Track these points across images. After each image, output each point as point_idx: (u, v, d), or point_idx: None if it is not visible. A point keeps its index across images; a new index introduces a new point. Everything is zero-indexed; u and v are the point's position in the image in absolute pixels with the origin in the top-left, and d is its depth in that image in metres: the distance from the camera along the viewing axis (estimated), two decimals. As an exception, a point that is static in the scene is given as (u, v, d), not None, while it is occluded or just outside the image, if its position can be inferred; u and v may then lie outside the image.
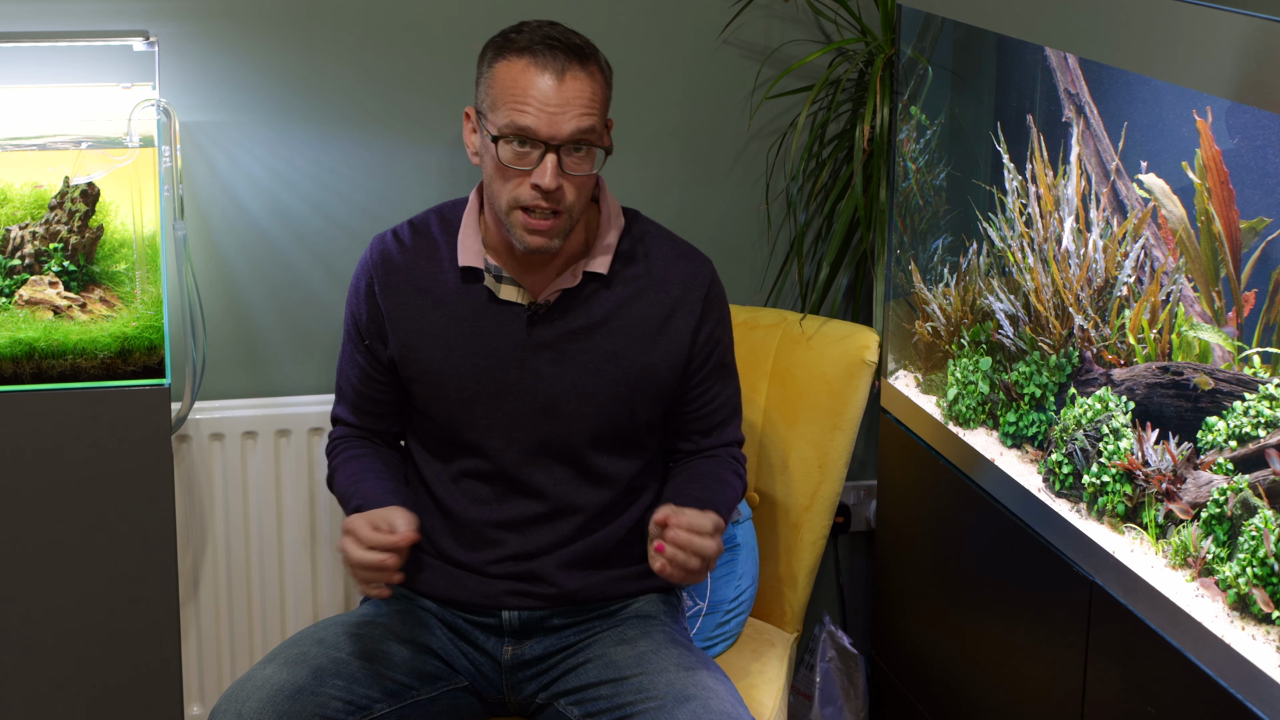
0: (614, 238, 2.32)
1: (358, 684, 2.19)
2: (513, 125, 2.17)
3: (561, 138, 2.17)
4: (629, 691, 2.20)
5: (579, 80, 2.18)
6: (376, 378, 2.37)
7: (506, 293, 2.29)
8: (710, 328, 2.35)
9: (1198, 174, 1.98)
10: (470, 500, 2.33)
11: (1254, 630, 1.91)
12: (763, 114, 2.94)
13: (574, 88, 2.18)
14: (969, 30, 2.52)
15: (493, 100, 2.21)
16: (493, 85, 2.21)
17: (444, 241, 2.33)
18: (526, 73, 2.18)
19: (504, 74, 2.20)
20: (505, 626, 2.33)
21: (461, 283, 2.31)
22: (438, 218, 2.37)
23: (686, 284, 2.34)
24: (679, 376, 2.34)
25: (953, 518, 2.56)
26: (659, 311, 2.32)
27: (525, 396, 2.30)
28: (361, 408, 2.40)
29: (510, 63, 2.20)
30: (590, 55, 2.21)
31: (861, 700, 2.96)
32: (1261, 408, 1.91)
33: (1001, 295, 2.43)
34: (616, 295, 2.31)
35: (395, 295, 2.33)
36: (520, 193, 2.19)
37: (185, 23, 2.69)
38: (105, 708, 2.60)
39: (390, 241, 2.36)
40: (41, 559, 2.54)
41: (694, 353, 2.34)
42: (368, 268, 2.36)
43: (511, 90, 2.18)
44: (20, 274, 2.52)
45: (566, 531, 2.32)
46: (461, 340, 2.30)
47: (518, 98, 2.17)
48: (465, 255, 2.30)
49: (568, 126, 2.17)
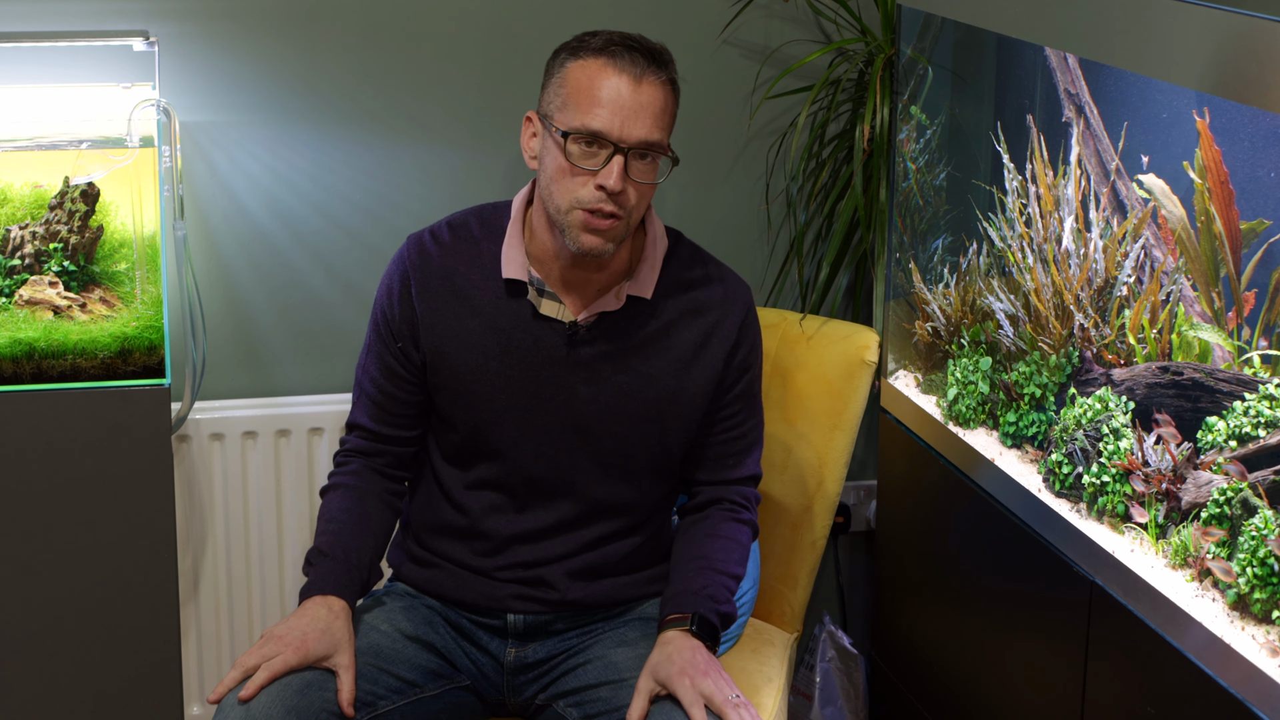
0: (658, 261, 2.29)
1: (363, 680, 2.18)
2: (584, 125, 2.14)
3: (631, 142, 2.14)
4: (628, 693, 2.20)
5: (654, 87, 2.16)
6: (406, 377, 2.32)
7: (548, 308, 2.26)
8: (744, 354, 2.33)
9: (1198, 174, 1.98)
10: (486, 508, 2.31)
11: (1254, 630, 1.91)
12: (763, 114, 2.94)
13: (649, 93, 2.16)
14: (969, 30, 2.52)
15: (564, 100, 2.17)
16: (565, 84, 2.18)
17: (485, 246, 2.29)
18: (603, 72, 2.15)
19: (578, 74, 2.17)
20: (510, 629, 2.33)
21: (503, 294, 2.27)
22: (477, 220, 2.33)
23: (724, 310, 2.32)
24: (710, 401, 2.33)
25: (953, 518, 2.56)
26: (696, 337, 2.30)
27: (558, 413, 2.27)
28: (384, 409, 2.33)
29: (585, 63, 2.17)
30: (668, 64, 2.19)
31: (861, 700, 2.96)
32: (1261, 408, 1.91)
33: (1001, 295, 2.43)
34: (657, 321, 2.29)
35: (432, 299, 2.29)
36: (584, 193, 2.16)
37: (185, 23, 2.69)
38: (105, 708, 2.60)
39: (429, 242, 2.31)
40: (41, 559, 2.54)
41: (725, 376, 2.32)
42: (404, 268, 2.30)
43: (586, 89, 2.15)
44: (20, 274, 2.52)
45: (579, 543, 2.32)
46: (498, 351, 2.27)
47: (592, 98, 2.14)
48: (509, 267, 2.26)
49: (639, 132, 2.14)
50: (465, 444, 2.31)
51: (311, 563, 2.25)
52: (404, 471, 2.38)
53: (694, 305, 2.31)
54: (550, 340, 2.27)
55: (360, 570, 2.25)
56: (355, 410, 2.37)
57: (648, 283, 2.28)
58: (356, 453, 2.36)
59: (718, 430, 2.36)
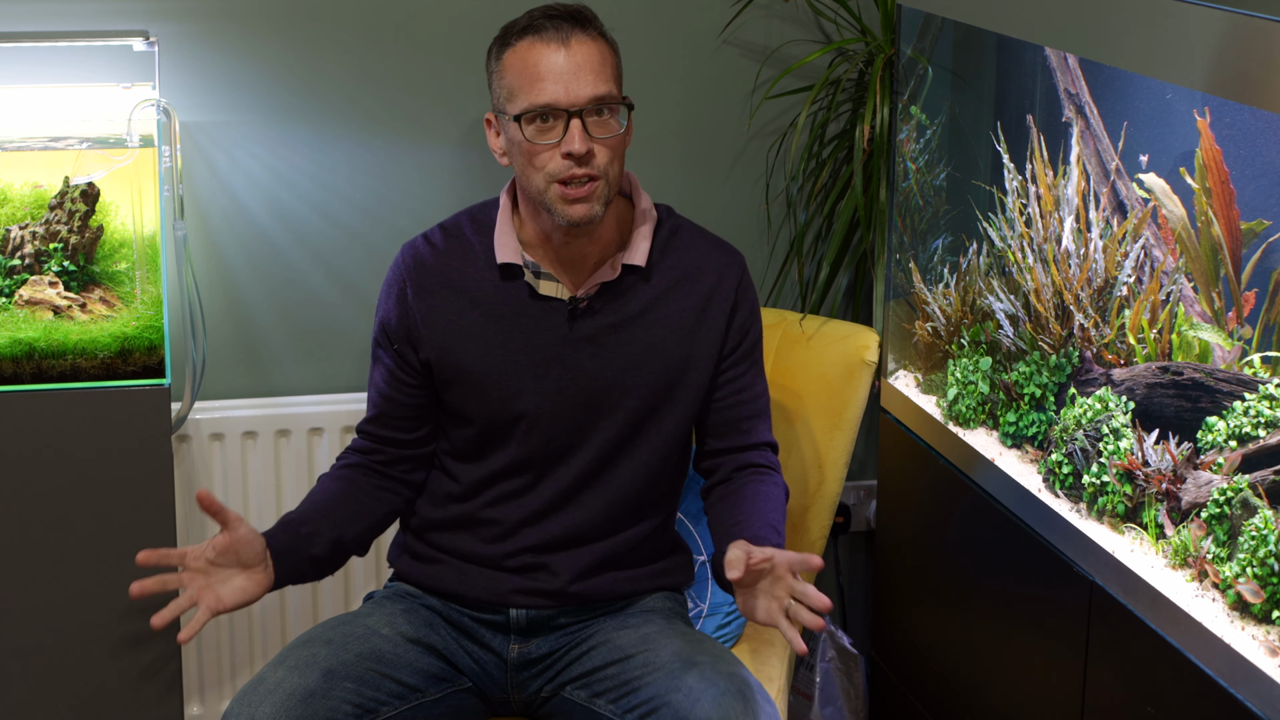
0: (649, 230, 2.32)
1: (366, 686, 2.19)
2: (532, 104, 2.18)
3: (581, 102, 2.17)
4: (635, 668, 2.21)
5: (585, 44, 2.20)
6: (405, 380, 2.35)
7: (546, 288, 2.29)
8: (743, 317, 2.36)
9: (1198, 174, 1.98)
10: (496, 497, 2.33)
11: (1254, 630, 1.91)
12: (763, 114, 2.94)
13: (582, 51, 2.19)
14: (969, 30, 2.52)
15: (509, 90, 2.21)
16: (504, 75, 2.22)
17: (478, 241, 2.32)
18: (533, 49, 2.19)
19: (511, 60, 2.21)
20: (512, 624, 2.33)
21: (500, 280, 2.30)
22: (469, 219, 2.36)
23: (720, 274, 2.34)
24: (715, 365, 2.34)
25: (953, 518, 2.56)
26: (695, 302, 2.33)
27: (568, 390, 2.29)
28: (386, 414, 2.36)
29: (515, 48, 2.21)
30: (591, 21, 2.23)
31: (861, 700, 2.96)
32: (1261, 408, 1.91)
33: (1001, 295, 2.43)
34: (654, 288, 2.31)
35: (430, 297, 2.31)
36: (553, 166, 2.19)
37: (185, 23, 2.69)
38: (105, 708, 2.60)
39: (422, 245, 2.35)
40: (41, 559, 2.54)
41: (727, 340, 2.35)
42: (400, 273, 2.34)
43: (523, 71, 2.19)
44: (20, 274, 2.52)
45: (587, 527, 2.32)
46: (501, 337, 2.30)
47: (530, 76, 2.18)
48: (503, 253, 2.29)
49: (585, 90, 2.18)
50: (479, 435, 2.33)
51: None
52: (398, 468, 2.39)
53: (690, 271, 2.33)
54: (552, 319, 2.29)
55: (304, 541, 2.29)
56: (366, 415, 2.42)
57: (641, 251, 2.30)
58: (354, 450, 2.41)
59: (725, 394, 2.37)
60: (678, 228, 2.37)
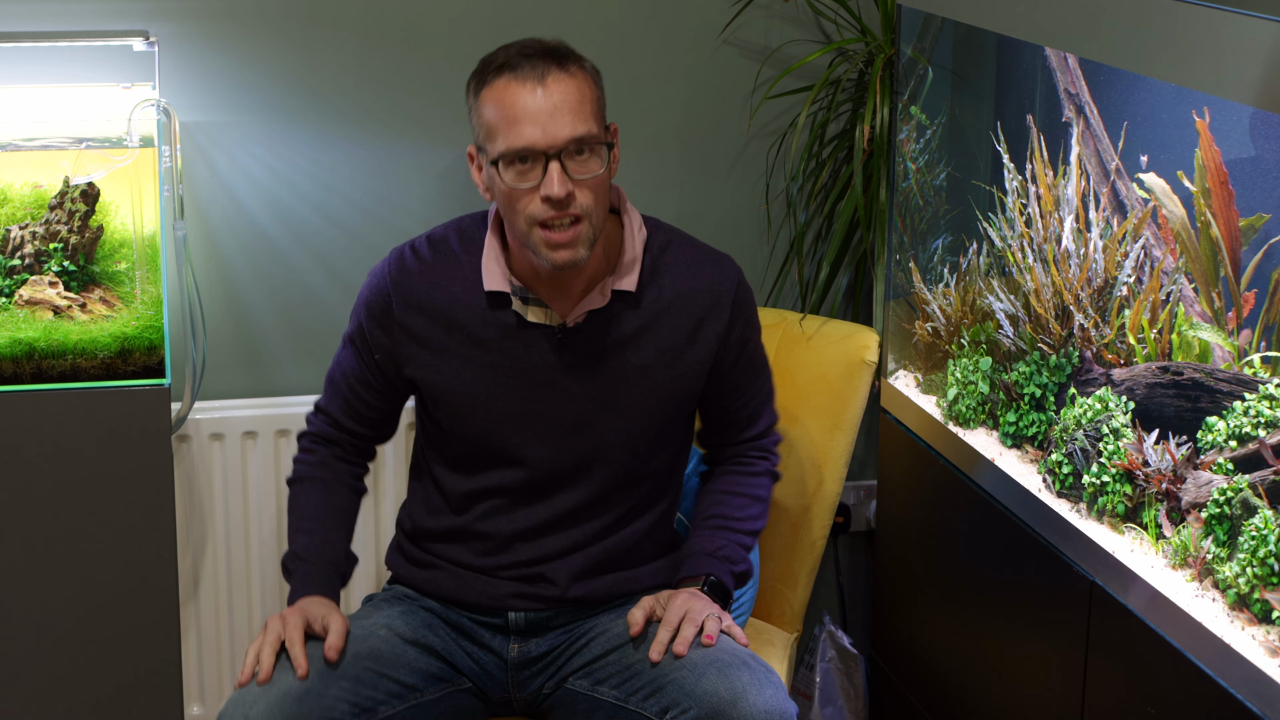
0: (639, 252, 2.29)
1: (363, 685, 2.19)
2: (510, 147, 2.15)
3: (559, 144, 2.14)
4: (636, 652, 2.22)
5: (561, 82, 2.16)
6: (376, 387, 2.36)
7: (534, 315, 2.27)
8: (740, 330, 2.35)
9: (1197, 174, 1.98)
10: (488, 511, 2.32)
11: (1254, 630, 1.91)
12: (763, 114, 2.94)
13: (559, 90, 2.16)
14: (969, 30, 2.52)
15: (486, 130, 2.19)
16: (481, 115, 2.20)
17: (466, 260, 2.30)
18: (509, 89, 2.16)
19: (488, 100, 2.18)
20: (511, 626, 2.33)
21: (488, 307, 2.28)
22: (457, 234, 2.33)
23: (714, 292, 2.32)
24: (705, 380, 2.34)
25: (953, 518, 2.56)
26: (688, 323, 2.31)
27: (556, 415, 2.28)
28: (352, 406, 2.38)
29: (491, 87, 2.18)
30: (568, 56, 2.20)
31: (861, 700, 2.96)
32: (1261, 408, 1.91)
33: (1001, 295, 2.43)
34: (645, 311, 2.29)
35: (416, 316, 2.30)
36: (534, 210, 2.16)
37: (185, 23, 2.69)
38: (105, 708, 2.60)
39: (409, 259, 2.32)
40: (41, 559, 2.54)
41: (723, 355, 2.33)
42: (385, 286, 2.31)
43: (499, 112, 2.16)
44: (20, 274, 2.52)
45: (581, 538, 2.32)
46: (489, 361, 2.28)
47: (507, 118, 2.15)
48: (490, 280, 2.27)
49: (562, 132, 2.14)
50: (469, 453, 2.33)
51: (290, 569, 2.30)
52: (366, 457, 2.44)
53: (682, 291, 2.31)
54: (539, 346, 2.27)
55: (338, 565, 2.31)
56: (326, 395, 2.41)
57: (631, 275, 2.28)
58: (321, 439, 2.42)
59: (725, 401, 2.39)
60: (668, 243, 2.34)
